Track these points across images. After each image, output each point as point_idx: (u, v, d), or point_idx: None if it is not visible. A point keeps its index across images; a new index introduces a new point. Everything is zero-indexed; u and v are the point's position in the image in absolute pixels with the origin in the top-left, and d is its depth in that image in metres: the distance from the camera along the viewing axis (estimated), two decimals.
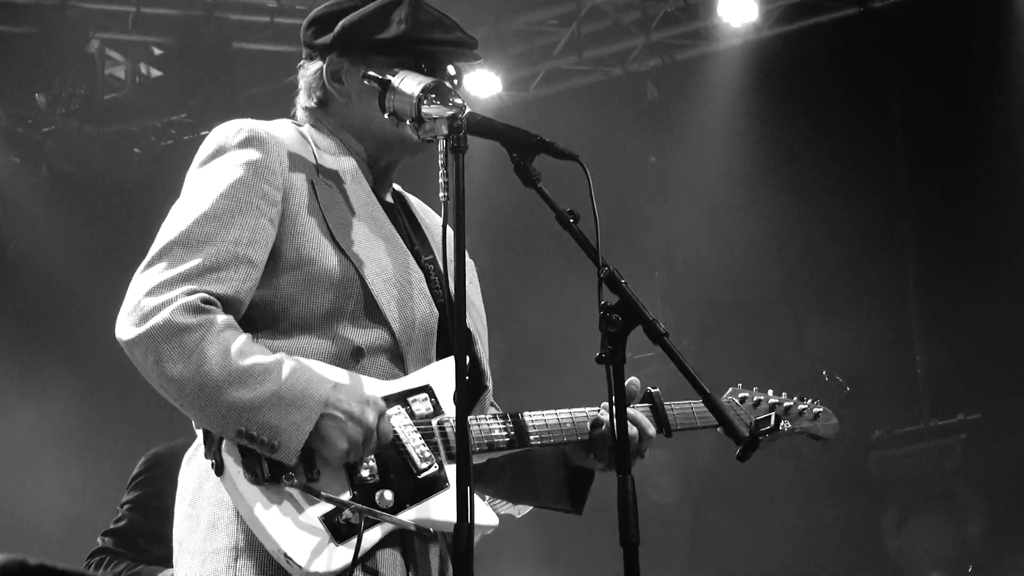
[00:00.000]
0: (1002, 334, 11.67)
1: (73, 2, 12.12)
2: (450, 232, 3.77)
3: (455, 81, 4.13)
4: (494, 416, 4.07)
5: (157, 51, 13.15)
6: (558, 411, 4.15)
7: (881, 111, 12.64)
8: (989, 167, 12.12)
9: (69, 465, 12.34)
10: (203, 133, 12.87)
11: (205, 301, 3.75)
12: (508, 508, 6.19)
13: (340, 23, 4.16)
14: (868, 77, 12.61)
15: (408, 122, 3.91)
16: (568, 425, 4.15)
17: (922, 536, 11.95)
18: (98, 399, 12.40)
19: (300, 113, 4.29)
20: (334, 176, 4.09)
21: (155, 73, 13.37)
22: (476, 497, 3.69)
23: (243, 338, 3.75)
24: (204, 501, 3.83)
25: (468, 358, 3.97)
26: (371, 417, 3.73)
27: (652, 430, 4.25)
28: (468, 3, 11.00)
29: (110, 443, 12.08)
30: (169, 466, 6.69)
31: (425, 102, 3.84)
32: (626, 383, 3.84)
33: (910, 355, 12.40)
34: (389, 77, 3.95)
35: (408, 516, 3.79)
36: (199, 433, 3.85)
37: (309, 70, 4.25)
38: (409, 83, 3.91)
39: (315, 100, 4.23)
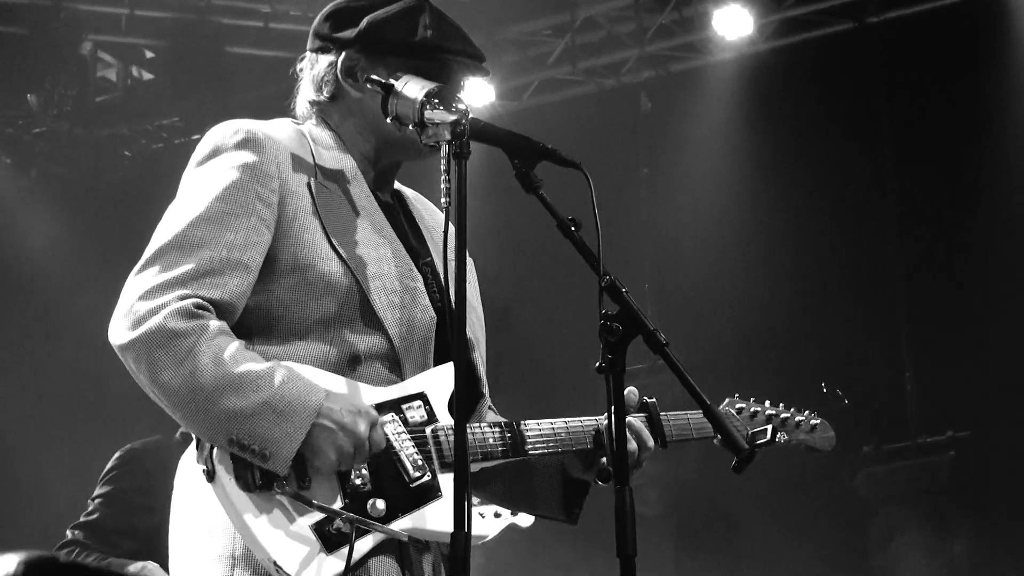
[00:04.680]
0: (992, 351, 11.67)
1: (66, 3, 12.10)
2: (451, 233, 3.72)
3: (461, 92, 4.11)
4: (492, 424, 4.04)
5: (149, 54, 13.14)
6: (556, 421, 4.12)
7: (874, 125, 12.64)
8: (981, 183, 12.13)
9: (60, 464, 12.30)
10: (195, 137, 12.90)
11: (198, 306, 3.71)
12: (511, 518, 6.14)
13: (367, 20, 4.11)
14: (862, 92, 12.62)
15: (411, 127, 3.86)
16: (566, 436, 4.11)
17: (908, 553, 11.93)
18: (87, 401, 12.35)
19: (302, 108, 4.25)
20: (333, 176, 4.05)
21: (147, 76, 13.36)
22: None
23: (236, 344, 3.71)
24: (200, 507, 3.78)
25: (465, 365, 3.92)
26: (363, 428, 3.68)
27: (651, 442, 4.22)
28: (463, 11, 10.99)
29: (97, 446, 12.04)
30: (145, 461, 6.75)
31: (428, 107, 3.79)
32: (624, 393, 3.80)
33: (900, 371, 12.39)
34: (392, 82, 3.90)
35: (400, 525, 3.76)
36: (193, 438, 3.81)
37: (321, 63, 4.19)
38: (412, 87, 3.86)
39: (326, 94, 4.18)
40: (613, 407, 3.64)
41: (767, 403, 4.74)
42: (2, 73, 12.33)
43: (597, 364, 3.67)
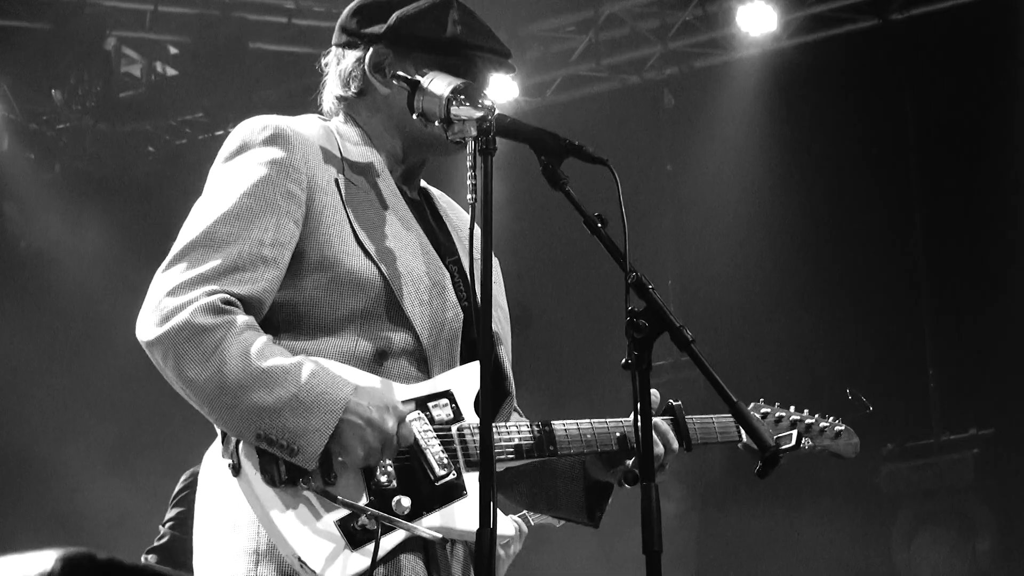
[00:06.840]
0: (1016, 349, 11.65)
1: None
2: (477, 232, 3.71)
3: (487, 88, 4.07)
4: (517, 424, 4.02)
5: (173, 50, 13.17)
6: (582, 422, 4.09)
7: (897, 123, 12.62)
8: (1003, 180, 12.10)
9: (78, 460, 12.34)
10: (218, 133, 12.98)
11: (226, 302, 3.70)
12: (541, 519, 6.10)
13: (396, 15, 4.09)
14: (885, 89, 12.59)
15: (437, 123, 3.84)
16: (591, 436, 4.08)
17: (931, 550, 11.91)
18: (115, 395, 12.37)
19: (330, 104, 4.22)
20: (361, 172, 4.03)
21: (171, 72, 13.39)
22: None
23: (263, 339, 3.70)
24: (225, 501, 3.77)
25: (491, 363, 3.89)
26: (391, 424, 3.67)
27: (676, 444, 4.19)
28: (487, 8, 10.99)
29: (123, 437, 12.09)
30: None
31: (454, 103, 3.77)
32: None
33: (923, 369, 12.37)
34: (418, 78, 3.89)
35: (425, 523, 3.74)
36: (218, 432, 3.81)
37: (348, 59, 4.17)
38: (439, 84, 3.84)
39: (353, 89, 4.16)
40: (639, 404, 3.61)
41: (792, 408, 4.69)
42: (27, 68, 12.38)
43: (623, 361, 3.63)
